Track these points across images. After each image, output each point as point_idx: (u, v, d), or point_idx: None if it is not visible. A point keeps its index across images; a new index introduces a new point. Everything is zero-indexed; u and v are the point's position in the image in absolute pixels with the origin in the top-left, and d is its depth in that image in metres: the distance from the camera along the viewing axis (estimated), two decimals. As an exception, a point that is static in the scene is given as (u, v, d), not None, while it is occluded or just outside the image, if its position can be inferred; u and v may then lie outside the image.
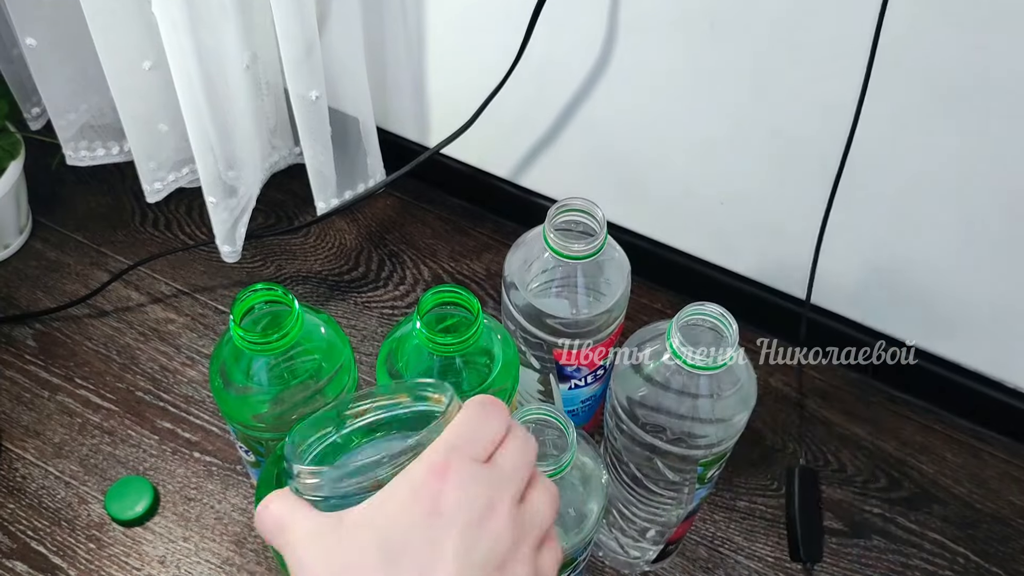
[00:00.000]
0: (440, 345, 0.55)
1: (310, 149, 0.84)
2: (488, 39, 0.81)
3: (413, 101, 0.92)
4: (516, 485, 0.36)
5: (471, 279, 0.94)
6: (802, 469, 0.79)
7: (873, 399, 0.86)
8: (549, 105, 0.83)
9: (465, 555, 0.33)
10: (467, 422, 0.36)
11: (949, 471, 0.82)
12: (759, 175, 0.77)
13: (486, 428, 0.36)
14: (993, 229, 0.70)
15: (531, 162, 0.90)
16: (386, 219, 0.99)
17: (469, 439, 0.36)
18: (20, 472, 0.79)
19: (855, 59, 0.65)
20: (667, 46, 0.72)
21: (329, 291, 0.92)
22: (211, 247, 0.90)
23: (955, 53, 0.61)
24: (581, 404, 0.73)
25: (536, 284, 0.65)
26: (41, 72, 0.83)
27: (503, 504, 0.35)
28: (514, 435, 0.37)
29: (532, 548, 0.36)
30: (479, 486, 0.35)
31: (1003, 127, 0.63)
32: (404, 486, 0.34)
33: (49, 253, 0.94)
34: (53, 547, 0.75)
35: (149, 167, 0.87)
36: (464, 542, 0.33)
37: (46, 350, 0.86)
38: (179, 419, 0.82)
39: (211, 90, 0.76)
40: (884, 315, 0.82)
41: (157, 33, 0.70)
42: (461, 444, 0.35)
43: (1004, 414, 0.82)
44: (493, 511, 0.34)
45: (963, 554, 0.77)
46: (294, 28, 0.74)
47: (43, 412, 0.82)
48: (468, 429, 0.36)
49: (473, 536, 0.34)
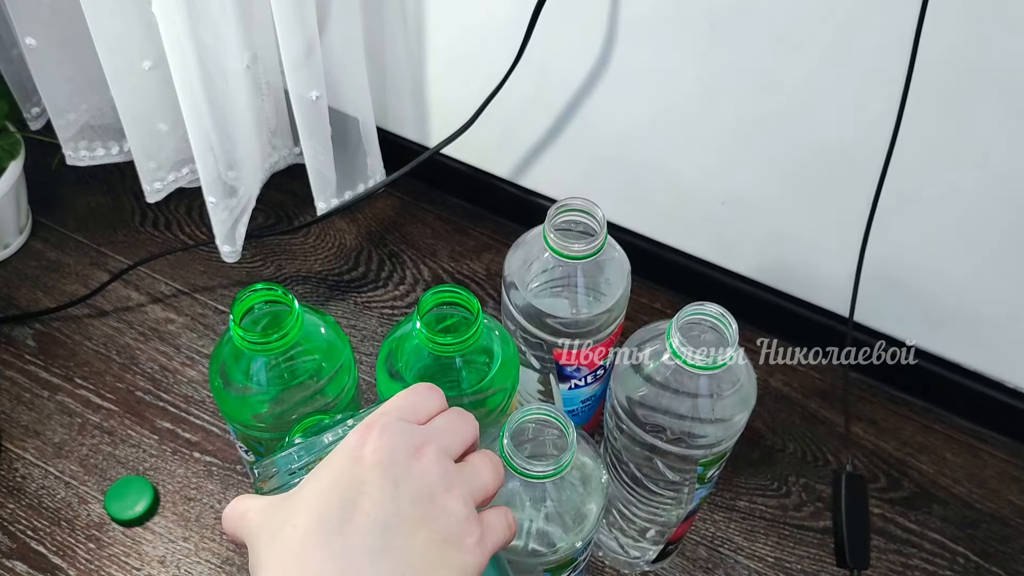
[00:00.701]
0: (440, 345, 0.55)
1: (310, 149, 0.84)
2: (488, 39, 0.81)
3: (413, 101, 0.92)
4: (447, 439, 0.38)
5: (471, 279, 0.94)
6: (849, 475, 0.79)
7: (873, 399, 0.86)
8: (549, 105, 0.83)
9: (392, 489, 0.35)
10: (400, 397, 0.39)
11: (949, 471, 0.82)
12: (760, 175, 0.77)
13: (418, 400, 0.39)
14: (993, 229, 0.70)
15: (531, 162, 0.90)
16: (386, 219, 0.99)
17: (399, 407, 0.38)
18: (20, 472, 0.79)
19: (855, 58, 0.65)
20: (666, 46, 0.72)
21: (329, 291, 0.93)
22: (211, 247, 0.90)
23: (956, 49, 0.61)
24: (581, 404, 0.73)
25: (536, 284, 0.65)
26: (41, 72, 0.83)
27: (429, 448, 0.37)
28: (451, 410, 0.39)
29: (469, 496, 0.37)
30: (403, 435, 0.37)
31: (1003, 127, 0.63)
32: (337, 450, 0.37)
33: (49, 253, 0.94)
34: (53, 547, 0.75)
35: (149, 167, 0.87)
36: (387, 478, 0.35)
37: (46, 350, 0.86)
38: (179, 419, 0.82)
39: (211, 90, 0.76)
40: (884, 315, 0.82)
41: (157, 33, 0.70)
42: (390, 411, 0.38)
43: (1004, 414, 0.82)
44: (419, 453, 0.36)
45: (963, 554, 0.77)
46: (294, 28, 0.74)
47: (43, 412, 0.82)
48: (400, 401, 0.39)
49: (397, 473, 0.35)
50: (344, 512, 0.34)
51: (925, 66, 0.63)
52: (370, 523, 0.34)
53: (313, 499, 0.35)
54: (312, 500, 0.35)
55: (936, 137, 0.67)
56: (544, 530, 0.55)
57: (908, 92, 0.64)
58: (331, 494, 0.35)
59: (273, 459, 0.39)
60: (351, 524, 0.34)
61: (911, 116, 0.66)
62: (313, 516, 0.34)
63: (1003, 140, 0.64)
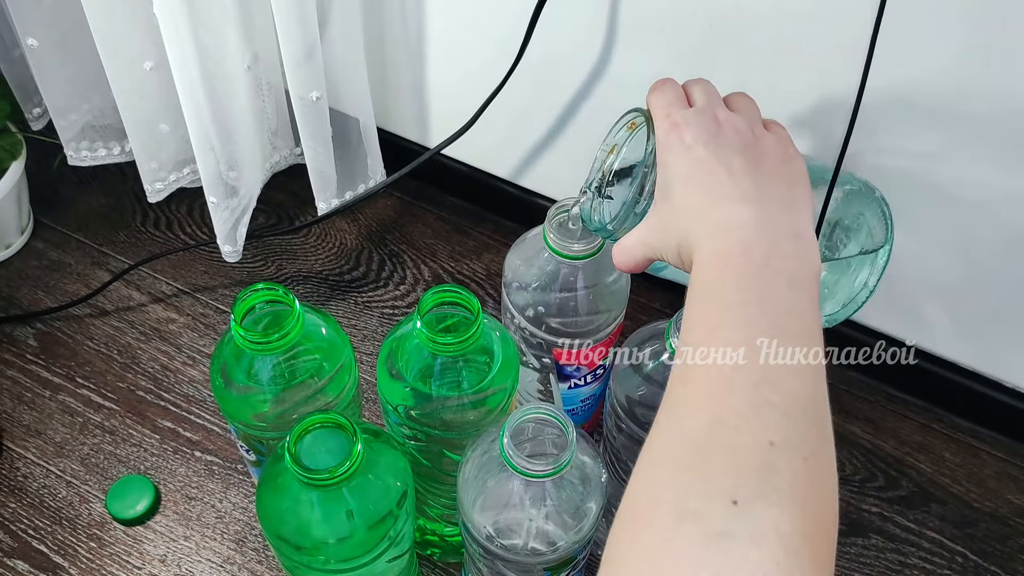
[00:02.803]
0: (440, 345, 0.56)
1: (311, 149, 0.84)
2: (488, 39, 0.81)
3: (413, 101, 0.92)
4: (719, 102, 0.48)
5: (471, 279, 0.94)
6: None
7: (872, 398, 0.86)
8: (549, 105, 0.83)
9: (728, 149, 0.45)
10: (660, 98, 0.49)
11: (948, 470, 0.82)
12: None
13: (671, 95, 0.49)
14: (993, 229, 0.70)
15: (531, 162, 0.90)
16: (386, 219, 0.99)
17: (670, 103, 0.48)
18: (21, 471, 0.79)
19: (855, 58, 0.65)
20: (667, 46, 0.72)
21: (330, 291, 0.93)
22: (212, 247, 0.90)
23: (949, 58, 0.61)
24: (581, 403, 0.73)
25: (536, 284, 0.65)
26: (42, 72, 0.83)
27: (720, 111, 0.47)
28: (689, 85, 0.50)
29: (760, 125, 0.47)
30: (696, 116, 0.46)
31: (1001, 127, 0.63)
32: (666, 157, 0.46)
33: (50, 253, 0.94)
34: (54, 546, 0.75)
35: (150, 167, 0.88)
36: (717, 146, 0.45)
37: (47, 350, 0.87)
38: (180, 418, 0.82)
39: (212, 91, 0.76)
40: (884, 315, 0.82)
41: (158, 33, 0.70)
42: (669, 110, 0.47)
43: (1003, 414, 0.82)
44: (715, 120, 0.46)
45: (961, 553, 0.77)
46: (295, 29, 0.74)
47: (44, 411, 0.82)
48: (665, 100, 0.48)
49: (719, 141, 0.45)
50: (725, 172, 0.44)
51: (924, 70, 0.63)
52: (744, 168, 0.44)
53: (702, 181, 0.44)
54: (701, 183, 0.44)
55: (936, 137, 0.67)
56: (544, 529, 0.56)
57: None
58: (691, 183, 0.45)
59: (613, 220, 0.50)
60: (734, 173, 0.44)
61: (910, 119, 0.66)
62: (716, 182, 0.44)
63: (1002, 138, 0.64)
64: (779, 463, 0.35)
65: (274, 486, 0.55)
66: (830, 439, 0.39)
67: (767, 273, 0.40)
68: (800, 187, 0.45)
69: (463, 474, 0.57)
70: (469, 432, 0.59)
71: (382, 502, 0.55)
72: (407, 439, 0.62)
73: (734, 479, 0.35)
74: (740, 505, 0.34)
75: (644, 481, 0.38)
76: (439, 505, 0.69)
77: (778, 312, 0.40)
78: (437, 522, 0.72)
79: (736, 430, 0.36)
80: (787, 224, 0.43)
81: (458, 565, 0.75)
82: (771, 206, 0.43)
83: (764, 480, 0.34)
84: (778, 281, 0.40)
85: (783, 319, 0.39)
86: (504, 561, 0.57)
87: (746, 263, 0.41)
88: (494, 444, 0.55)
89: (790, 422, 0.37)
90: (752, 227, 0.42)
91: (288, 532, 0.54)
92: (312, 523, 0.54)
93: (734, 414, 0.36)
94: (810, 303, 0.41)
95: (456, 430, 0.59)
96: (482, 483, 0.56)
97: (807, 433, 0.37)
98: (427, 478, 0.65)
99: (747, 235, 0.42)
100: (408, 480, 0.57)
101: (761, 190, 0.43)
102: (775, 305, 0.40)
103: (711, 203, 0.43)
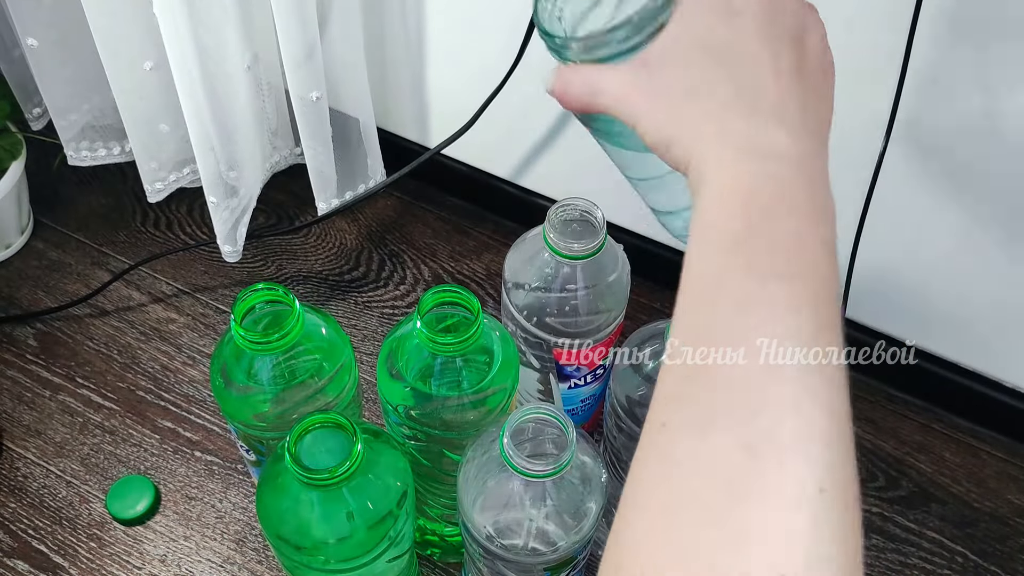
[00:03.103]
0: (440, 345, 0.56)
1: (311, 149, 0.84)
2: (488, 39, 0.81)
3: (413, 101, 0.92)
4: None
5: (471, 279, 0.94)
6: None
7: (872, 398, 0.86)
8: (549, 105, 0.83)
9: (792, 45, 0.34)
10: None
11: (948, 470, 0.82)
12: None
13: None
14: (993, 229, 0.70)
15: (531, 162, 0.90)
16: (386, 219, 0.99)
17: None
18: (21, 471, 0.79)
19: (856, 58, 0.65)
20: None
21: (330, 291, 0.93)
22: (212, 247, 0.90)
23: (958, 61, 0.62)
24: (581, 403, 0.73)
25: (536, 284, 0.65)
26: (42, 72, 0.83)
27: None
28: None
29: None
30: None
31: (999, 126, 0.63)
32: (687, 12, 0.34)
33: (50, 253, 0.94)
34: (54, 546, 0.75)
35: (150, 167, 0.88)
36: (763, 19, 0.34)
37: (47, 350, 0.87)
38: (180, 418, 0.82)
39: (212, 91, 0.76)
40: (884, 315, 0.82)
41: (158, 34, 0.70)
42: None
43: (1003, 414, 0.82)
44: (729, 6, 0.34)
45: (961, 553, 0.77)
46: (295, 29, 0.74)
47: (44, 411, 0.82)
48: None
49: (767, 16, 0.34)
50: (771, 70, 0.33)
51: (915, 75, 0.63)
52: (792, 71, 0.34)
53: (703, 61, 0.34)
54: (703, 62, 0.34)
55: (934, 138, 0.67)
56: (544, 529, 0.56)
57: (900, 94, 0.65)
58: (723, 54, 0.34)
59: (611, 29, 0.35)
60: (781, 75, 0.34)
61: (910, 118, 0.66)
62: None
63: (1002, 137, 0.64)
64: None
65: (274, 486, 0.55)
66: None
67: (794, 242, 0.31)
68: (831, 114, 0.36)
69: (463, 474, 0.57)
70: (469, 432, 0.59)
71: (382, 502, 0.55)
72: (407, 439, 0.62)
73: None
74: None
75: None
76: (439, 505, 0.69)
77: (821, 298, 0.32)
78: (437, 522, 0.72)
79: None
80: (822, 169, 0.33)
81: (458, 565, 0.75)
82: (810, 141, 0.33)
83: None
84: (814, 247, 0.32)
85: (824, 308, 0.32)
86: (504, 561, 0.57)
87: (768, 218, 0.31)
88: (494, 444, 0.55)
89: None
90: (788, 164, 0.32)
91: (288, 532, 0.54)
92: (312, 523, 0.54)
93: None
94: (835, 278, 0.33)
95: (456, 430, 0.59)
96: (482, 483, 0.56)
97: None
98: (427, 478, 0.65)
99: (780, 173, 0.32)
100: (408, 480, 0.57)
101: (805, 110, 0.33)
102: (811, 285, 0.32)
103: (744, 111, 0.33)
